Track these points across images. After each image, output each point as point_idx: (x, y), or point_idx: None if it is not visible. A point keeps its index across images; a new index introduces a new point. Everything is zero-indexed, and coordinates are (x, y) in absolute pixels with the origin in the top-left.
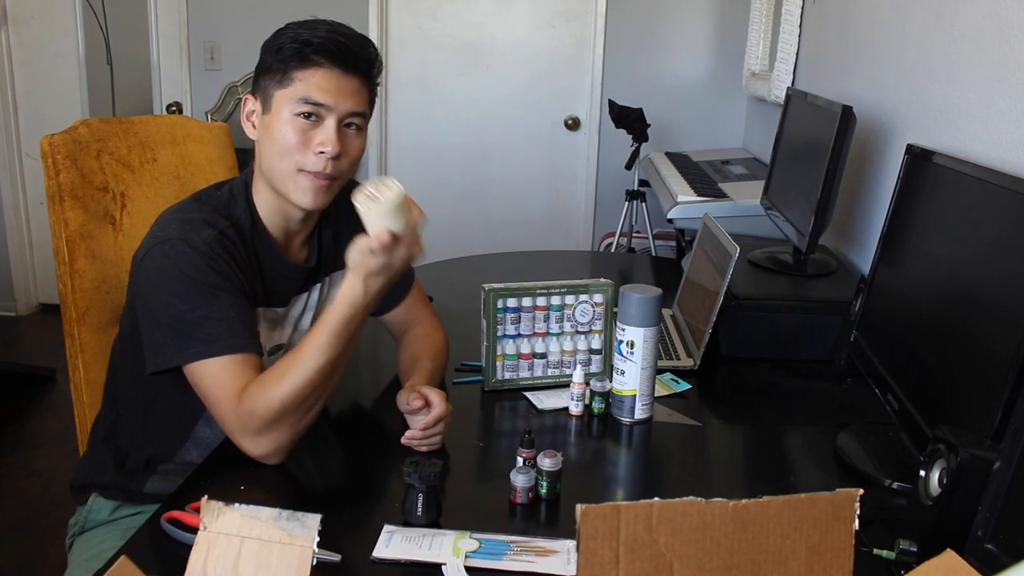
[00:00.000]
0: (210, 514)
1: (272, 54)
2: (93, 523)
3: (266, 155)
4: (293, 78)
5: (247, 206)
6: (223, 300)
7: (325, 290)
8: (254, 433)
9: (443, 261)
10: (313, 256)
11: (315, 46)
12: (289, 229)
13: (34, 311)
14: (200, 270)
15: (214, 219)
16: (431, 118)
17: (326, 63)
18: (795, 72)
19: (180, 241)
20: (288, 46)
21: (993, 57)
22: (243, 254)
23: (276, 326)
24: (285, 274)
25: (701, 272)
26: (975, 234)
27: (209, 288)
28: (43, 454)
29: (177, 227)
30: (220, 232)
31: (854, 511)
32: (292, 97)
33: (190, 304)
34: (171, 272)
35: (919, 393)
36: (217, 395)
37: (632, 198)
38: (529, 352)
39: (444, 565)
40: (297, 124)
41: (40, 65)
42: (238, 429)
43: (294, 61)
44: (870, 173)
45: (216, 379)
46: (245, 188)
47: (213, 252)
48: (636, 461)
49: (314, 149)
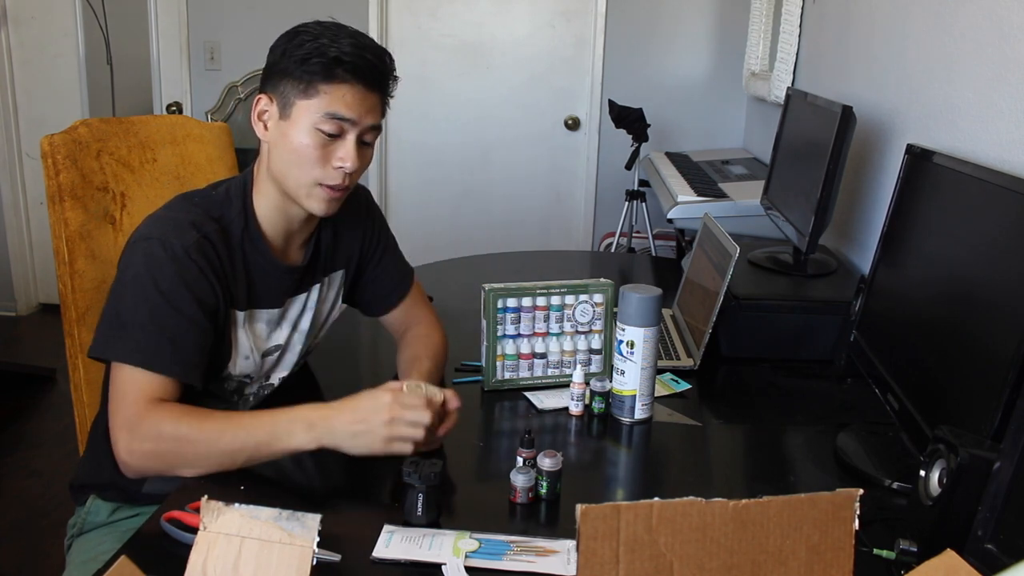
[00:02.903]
0: (210, 514)
1: (296, 63)
2: (91, 525)
3: (279, 161)
4: (318, 90)
5: (243, 207)
6: (170, 316)
7: (324, 290)
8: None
9: (443, 261)
10: (308, 257)
11: (346, 64)
12: (290, 230)
13: (34, 311)
14: (165, 277)
15: (201, 221)
16: (431, 118)
17: (352, 80)
18: (795, 72)
19: (158, 242)
20: (315, 59)
21: (993, 57)
22: (225, 259)
23: (274, 327)
24: (278, 276)
25: (701, 272)
26: (975, 234)
27: (164, 298)
28: (43, 454)
29: (161, 227)
30: (203, 236)
31: (854, 511)
32: (316, 109)
33: (135, 306)
34: (136, 271)
35: (919, 393)
36: (120, 402)
37: (632, 198)
38: (529, 352)
39: (444, 565)
40: (318, 137)
41: (40, 65)
42: (126, 437)
43: (320, 74)
44: (870, 173)
45: (125, 386)
46: (243, 189)
47: (188, 259)
48: (636, 461)
49: (333, 164)
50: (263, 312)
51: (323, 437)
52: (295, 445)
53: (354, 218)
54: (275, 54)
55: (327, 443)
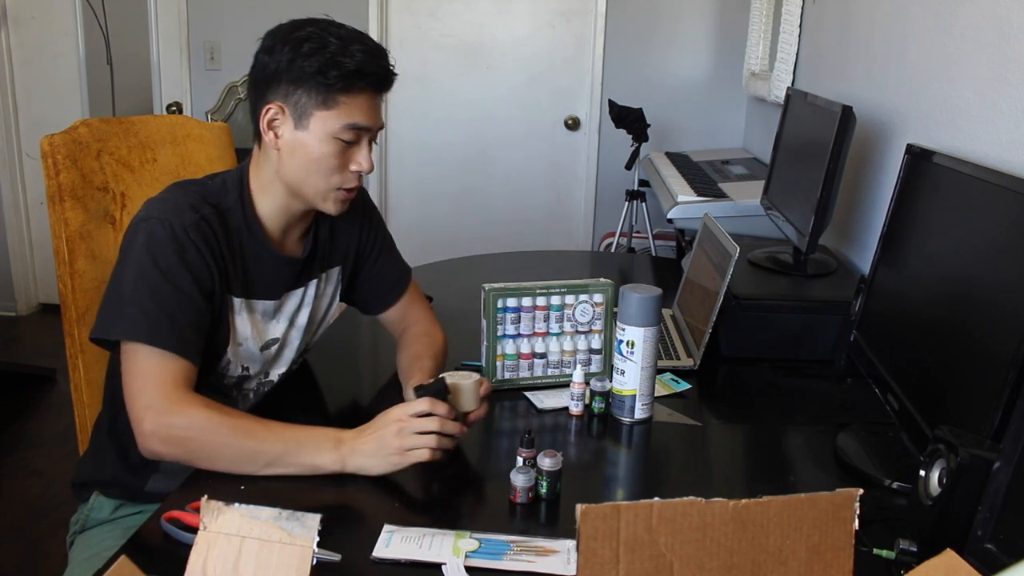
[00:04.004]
0: (210, 514)
1: (312, 74)
2: (95, 522)
3: (296, 169)
4: (338, 101)
5: (239, 197)
6: (168, 293)
7: (322, 286)
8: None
9: (443, 261)
10: (307, 251)
11: (367, 77)
12: (289, 224)
13: (34, 311)
14: (164, 256)
15: (199, 205)
16: (431, 118)
17: (370, 89)
18: (795, 72)
19: (157, 221)
20: (334, 72)
21: (993, 57)
22: (223, 242)
23: (269, 320)
24: (276, 267)
25: (701, 272)
26: (975, 234)
27: (163, 275)
28: (43, 454)
29: (160, 208)
30: (202, 217)
31: (854, 511)
32: (335, 120)
33: (135, 285)
34: (137, 250)
35: (919, 393)
36: (144, 384)
37: (632, 198)
38: (529, 352)
39: (444, 565)
40: (337, 146)
41: (40, 65)
42: (153, 418)
43: (340, 86)
44: (870, 173)
45: (149, 369)
46: (240, 181)
47: (187, 238)
48: (636, 461)
49: (351, 168)
50: (259, 303)
51: (347, 457)
52: (320, 462)
53: (351, 215)
54: (277, 60)
55: (350, 465)
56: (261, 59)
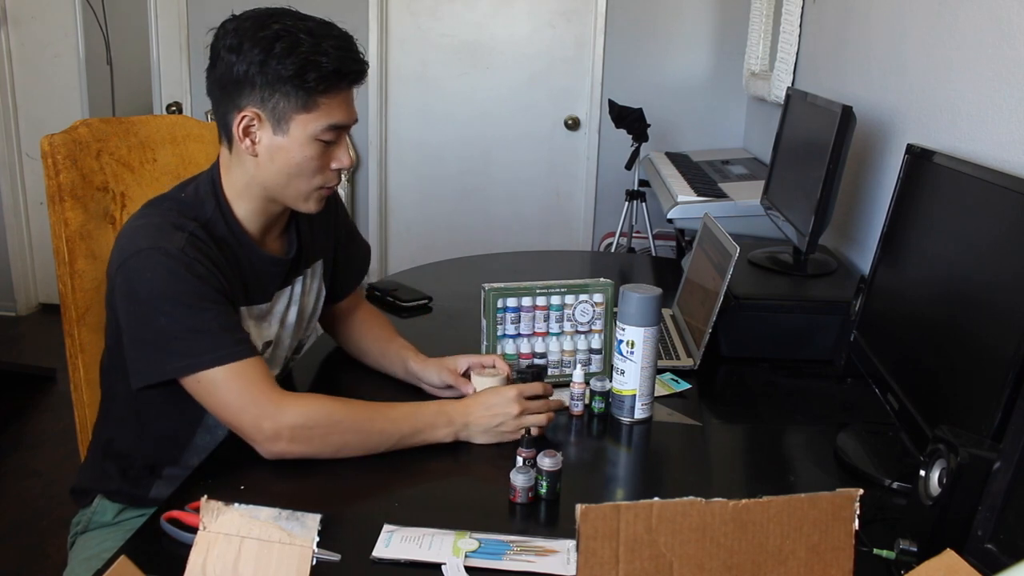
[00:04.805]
0: (210, 514)
1: (289, 77)
2: (97, 524)
3: (272, 173)
4: (318, 103)
5: (216, 206)
6: (205, 310)
7: (308, 282)
8: (289, 434)
9: (443, 261)
10: (292, 248)
11: (347, 76)
12: (269, 224)
13: (34, 311)
14: (179, 279)
15: (181, 222)
16: (431, 118)
17: (348, 86)
18: (795, 72)
19: (153, 251)
20: (312, 73)
21: (993, 57)
22: (217, 254)
23: (262, 323)
24: (265, 269)
25: (701, 272)
26: (975, 234)
27: (189, 297)
28: (43, 454)
29: (144, 236)
30: (190, 234)
31: (854, 511)
32: (316, 123)
33: (172, 317)
34: (148, 285)
35: (919, 393)
36: (241, 399)
37: (632, 198)
38: (529, 352)
39: (444, 565)
40: (318, 147)
41: (40, 65)
42: (270, 425)
43: (320, 88)
44: (870, 173)
45: (234, 384)
46: (213, 188)
47: (188, 256)
48: (636, 461)
49: (332, 166)
50: (255, 308)
51: (460, 431)
52: (437, 439)
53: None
54: (247, 61)
55: (462, 436)
56: (227, 59)
